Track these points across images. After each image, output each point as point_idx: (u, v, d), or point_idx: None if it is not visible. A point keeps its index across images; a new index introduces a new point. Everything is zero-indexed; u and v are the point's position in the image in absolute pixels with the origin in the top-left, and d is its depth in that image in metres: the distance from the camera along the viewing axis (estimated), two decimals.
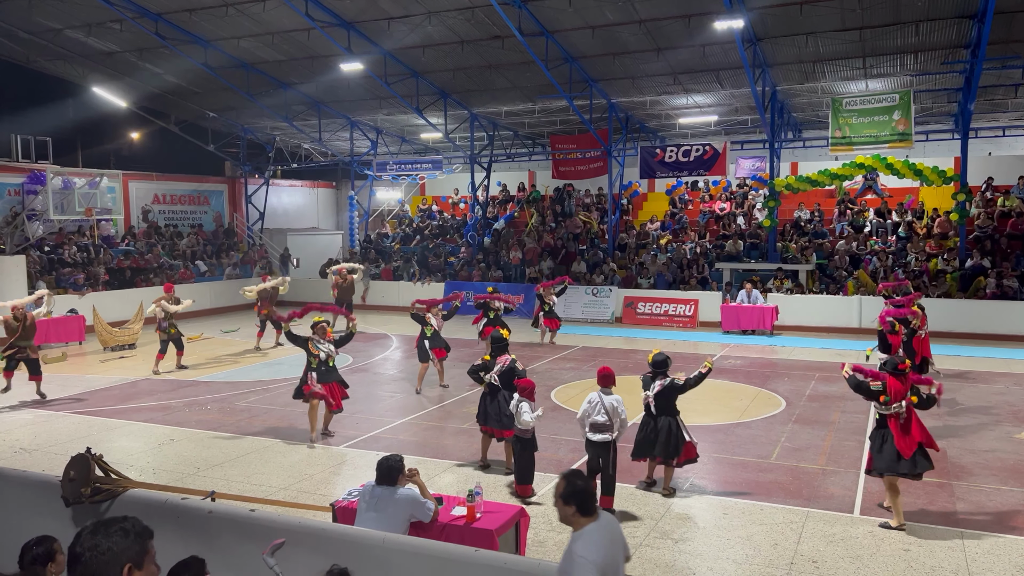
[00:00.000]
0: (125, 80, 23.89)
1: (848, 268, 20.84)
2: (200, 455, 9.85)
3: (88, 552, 2.65)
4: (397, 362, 16.30)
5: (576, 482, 3.87)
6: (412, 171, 28.19)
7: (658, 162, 22.92)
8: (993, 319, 18.24)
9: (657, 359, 8.36)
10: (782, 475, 8.93)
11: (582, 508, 3.82)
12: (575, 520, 3.84)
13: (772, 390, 13.26)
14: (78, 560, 2.66)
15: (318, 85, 23.14)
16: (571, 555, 3.74)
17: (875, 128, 19.43)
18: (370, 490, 5.74)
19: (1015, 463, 9.28)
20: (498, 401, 8.94)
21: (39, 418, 11.77)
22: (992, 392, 13.07)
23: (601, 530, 3.83)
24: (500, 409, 8.87)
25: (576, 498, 3.83)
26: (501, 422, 8.84)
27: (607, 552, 3.77)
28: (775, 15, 16.81)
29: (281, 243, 29.44)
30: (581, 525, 3.82)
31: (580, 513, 3.82)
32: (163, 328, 14.96)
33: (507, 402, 8.71)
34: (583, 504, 3.82)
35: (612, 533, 3.91)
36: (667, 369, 8.34)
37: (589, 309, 21.91)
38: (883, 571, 6.52)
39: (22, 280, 18.82)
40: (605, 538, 3.81)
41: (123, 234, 24.69)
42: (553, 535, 7.27)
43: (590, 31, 18.17)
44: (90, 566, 2.64)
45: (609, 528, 3.91)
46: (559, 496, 3.88)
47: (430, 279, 24.57)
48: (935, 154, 22.82)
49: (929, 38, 17.42)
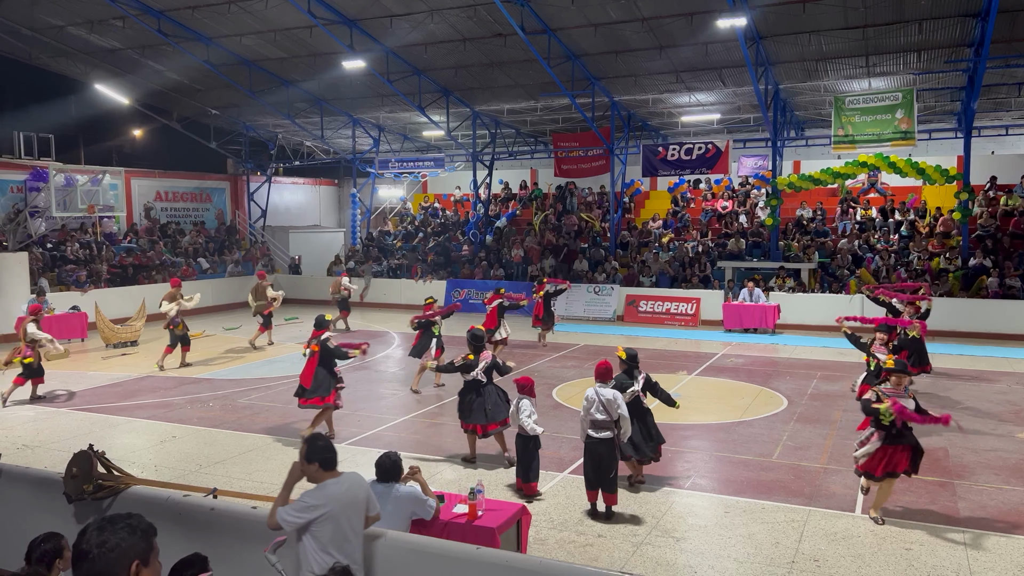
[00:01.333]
0: (127, 77, 23.91)
1: (850, 267, 20.81)
2: (202, 452, 9.87)
3: (96, 549, 2.64)
4: (398, 360, 16.31)
5: (317, 443, 4.44)
6: (414, 169, 28.17)
7: (660, 160, 22.89)
8: (995, 318, 18.21)
9: (631, 353, 8.45)
10: (784, 474, 8.93)
11: (324, 464, 4.39)
12: (318, 475, 4.40)
13: (774, 389, 13.26)
14: (85, 557, 2.65)
15: (320, 82, 23.14)
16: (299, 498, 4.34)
17: (878, 127, 19.40)
18: (371, 488, 5.73)
19: (1017, 462, 9.27)
20: (482, 397, 9.09)
21: (41, 415, 11.78)
22: (994, 391, 13.06)
23: (338, 484, 4.40)
24: (483, 404, 9.03)
25: (317, 455, 4.39)
26: (485, 416, 9.00)
27: (336, 502, 4.32)
28: (778, 13, 16.79)
29: (283, 241, 29.47)
30: (323, 479, 4.40)
31: (322, 468, 4.39)
32: (175, 324, 15.15)
33: (491, 396, 9.01)
34: (324, 461, 4.39)
35: (350, 489, 4.44)
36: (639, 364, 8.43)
37: (591, 307, 21.90)
38: (885, 570, 6.52)
39: (24, 277, 18.84)
40: (337, 491, 4.36)
41: (125, 231, 24.71)
42: (555, 533, 7.27)
43: (592, 29, 18.15)
44: (98, 563, 2.64)
45: (348, 484, 4.44)
46: (303, 457, 4.40)
47: (431, 277, 24.57)
48: (938, 153, 22.79)
49: (932, 36, 17.38)
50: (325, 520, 4.31)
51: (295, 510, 4.34)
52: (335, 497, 4.36)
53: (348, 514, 4.40)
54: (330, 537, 4.34)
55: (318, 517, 4.30)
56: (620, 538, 7.18)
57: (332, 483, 4.41)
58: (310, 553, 4.32)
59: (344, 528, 4.37)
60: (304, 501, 4.34)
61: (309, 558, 4.32)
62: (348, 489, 4.46)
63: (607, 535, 7.25)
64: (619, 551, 6.90)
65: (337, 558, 4.25)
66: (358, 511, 4.50)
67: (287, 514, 4.35)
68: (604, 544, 7.05)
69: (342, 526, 4.36)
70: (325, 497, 4.34)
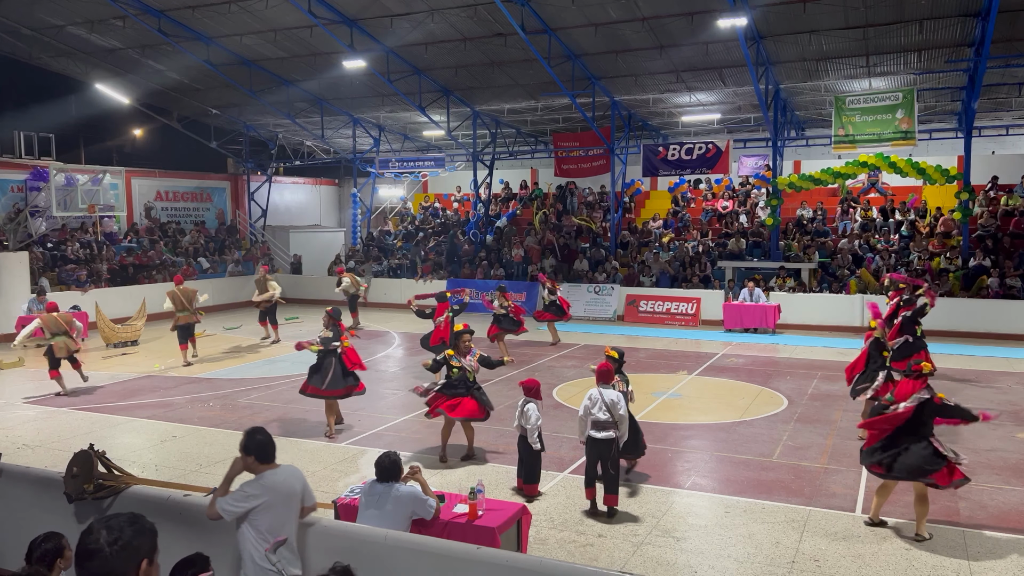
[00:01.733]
0: (128, 77, 23.91)
1: (851, 267, 20.81)
2: (202, 452, 9.87)
3: (108, 547, 2.65)
4: (399, 359, 16.31)
5: (255, 436, 4.65)
6: (414, 168, 28.18)
7: (661, 160, 22.89)
8: (996, 318, 18.21)
9: (621, 352, 8.56)
10: (784, 474, 8.93)
11: (259, 457, 4.62)
12: (255, 467, 4.62)
13: (774, 389, 13.26)
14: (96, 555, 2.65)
15: (321, 82, 23.14)
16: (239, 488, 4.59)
17: (878, 126, 19.40)
18: (371, 487, 5.74)
19: (1017, 462, 9.28)
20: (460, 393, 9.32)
21: (42, 414, 11.79)
22: (994, 391, 13.06)
23: (275, 475, 4.63)
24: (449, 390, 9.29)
25: (253, 449, 4.61)
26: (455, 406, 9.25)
27: (272, 492, 4.55)
28: (778, 13, 16.78)
29: (284, 240, 29.47)
30: (260, 471, 4.62)
31: (258, 461, 4.62)
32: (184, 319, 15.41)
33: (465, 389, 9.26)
34: (260, 454, 4.61)
35: (287, 480, 4.68)
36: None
37: (591, 307, 21.90)
38: (885, 570, 6.52)
39: (25, 276, 18.85)
40: (274, 481, 4.59)
41: (126, 231, 24.72)
42: (555, 533, 7.27)
43: (593, 28, 18.15)
44: (111, 561, 2.65)
45: (284, 476, 4.68)
46: (241, 449, 4.63)
47: (432, 276, 24.58)
48: (938, 153, 22.78)
49: (933, 36, 17.38)
50: (263, 509, 4.53)
51: (233, 500, 4.56)
52: (272, 487, 4.58)
53: (285, 504, 4.63)
54: (268, 526, 4.53)
55: (256, 506, 4.52)
56: (620, 538, 7.18)
57: (269, 474, 4.63)
58: (249, 541, 4.54)
59: (281, 517, 4.60)
60: (243, 491, 4.57)
61: (249, 546, 4.54)
62: (285, 480, 4.67)
63: (607, 535, 7.25)
64: (619, 551, 6.90)
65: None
66: (295, 501, 4.71)
67: (226, 503, 4.56)
68: (604, 544, 7.05)
69: (280, 515, 4.59)
70: (261, 487, 4.57)
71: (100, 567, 2.64)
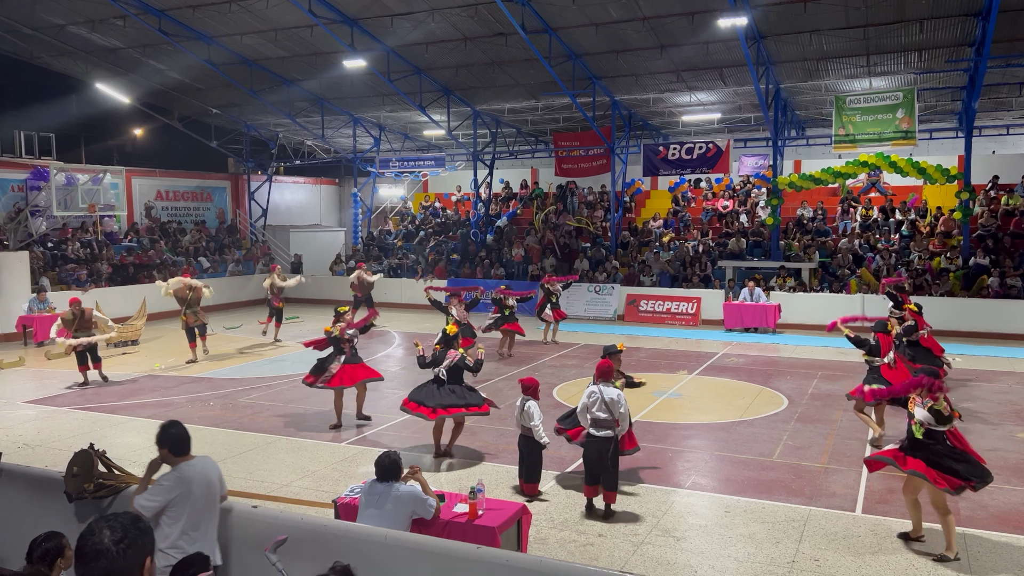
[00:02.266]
0: (128, 76, 23.91)
1: (851, 266, 20.81)
2: (202, 451, 9.66)
3: (115, 547, 2.66)
4: (399, 359, 16.31)
5: (169, 429, 4.78)
6: (415, 168, 28.19)
7: (661, 160, 22.89)
8: (996, 318, 18.21)
9: (606, 348, 8.59)
10: (784, 473, 8.93)
11: (173, 449, 4.74)
12: (170, 459, 4.76)
13: (774, 388, 13.26)
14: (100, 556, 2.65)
15: (321, 82, 23.13)
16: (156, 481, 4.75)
17: (879, 126, 19.39)
18: (371, 487, 5.74)
19: (1017, 462, 9.27)
20: (445, 390, 9.40)
21: (42, 414, 11.79)
22: (995, 391, 13.06)
23: (190, 467, 4.74)
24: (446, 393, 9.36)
25: (167, 442, 4.74)
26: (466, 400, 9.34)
27: (188, 484, 4.66)
28: (779, 12, 16.78)
29: (284, 240, 29.46)
30: (176, 463, 4.74)
31: (172, 453, 4.75)
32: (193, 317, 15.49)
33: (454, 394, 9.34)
34: (173, 446, 4.74)
35: (203, 471, 4.78)
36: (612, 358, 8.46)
37: (591, 307, 21.91)
38: (885, 570, 6.52)
39: (25, 276, 18.85)
40: (190, 473, 4.69)
41: (126, 230, 24.72)
42: (555, 532, 7.28)
43: (593, 28, 18.15)
44: (119, 560, 2.66)
45: (200, 467, 4.79)
46: (156, 442, 4.77)
47: (432, 276, 24.59)
48: (939, 152, 22.77)
49: (933, 36, 17.37)
50: (179, 501, 4.61)
51: (150, 494, 4.64)
52: (187, 479, 4.67)
53: (202, 495, 4.71)
54: (186, 518, 4.62)
55: (173, 499, 4.61)
56: (620, 537, 7.18)
57: (185, 466, 4.73)
58: (168, 534, 4.61)
59: (200, 509, 4.67)
60: (160, 484, 4.67)
61: (166, 539, 4.59)
62: (201, 471, 4.77)
63: (607, 534, 7.25)
64: (619, 550, 6.90)
65: (193, 537, 4.57)
66: (211, 492, 4.80)
67: (143, 499, 4.63)
68: (604, 543, 7.05)
69: (197, 507, 4.66)
70: (176, 479, 4.66)
71: (107, 567, 2.65)
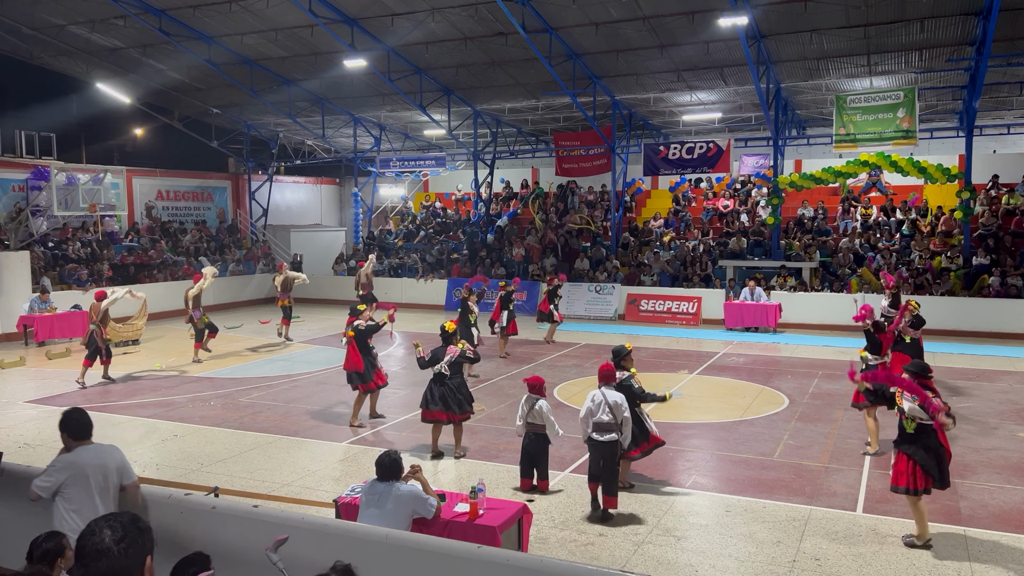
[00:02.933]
0: (129, 76, 23.91)
1: (852, 266, 20.80)
2: (203, 451, 9.87)
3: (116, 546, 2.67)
4: (399, 359, 16.32)
5: (70, 414, 4.94)
6: (415, 168, 28.17)
7: (662, 159, 22.89)
8: (997, 317, 18.20)
9: (615, 349, 8.47)
10: (785, 473, 8.92)
11: (71, 434, 4.89)
12: (68, 443, 4.89)
13: (775, 388, 13.26)
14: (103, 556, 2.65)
15: (322, 82, 23.14)
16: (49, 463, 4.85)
17: (879, 125, 19.37)
18: (371, 486, 5.74)
19: (1018, 461, 9.27)
20: (447, 387, 9.36)
21: (43, 413, 11.79)
22: (996, 390, 13.05)
23: (86, 451, 4.84)
24: (450, 394, 9.31)
25: (67, 426, 4.90)
26: (448, 407, 9.28)
27: (81, 467, 4.74)
28: (779, 12, 16.77)
29: (285, 240, 29.45)
30: (73, 447, 4.87)
31: (71, 438, 4.88)
32: (198, 317, 15.52)
33: (458, 390, 9.34)
34: (71, 431, 4.89)
35: (98, 456, 4.86)
36: (623, 359, 8.30)
37: (592, 306, 21.90)
38: (886, 569, 6.52)
39: (26, 276, 18.86)
40: (84, 458, 4.79)
41: (127, 230, 24.73)
42: (556, 532, 7.28)
43: (593, 28, 18.14)
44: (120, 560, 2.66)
45: (96, 453, 4.87)
46: (59, 427, 4.95)
47: (432, 276, 24.59)
48: (939, 152, 22.76)
49: (934, 35, 17.36)
50: (71, 484, 4.70)
51: (43, 477, 4.74)
52: (80, 463, 4.75)
53: (95, 480, 4.76)
54: (79, 501, 4.69)
55: (65, 480, 4.70)
56: (621, 537, 7.18)
57: (80, 450, 4.84)
58: (62, 515, 4.68)
59: (92, 493, 4.73)
60: (52, 466, 4.78)
61: (61, 521, 4.66)
62: (96, 456, 4.84)
63: (608, 534, 7.25)
64: (620, 550, 6.90)
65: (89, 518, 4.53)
66: (107, 478, 4.83)
67: (38, 480, 4.73)
68: (605, 543, 7.05)
69: (90, 491, 4.72)
70: (66, 462, 4.77)
71: (109, 567, 2.66)
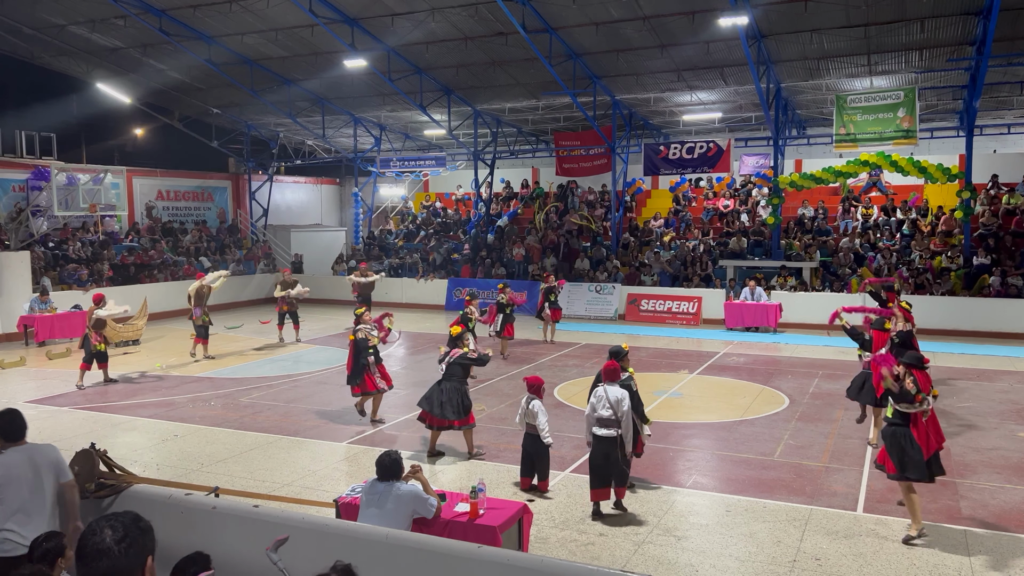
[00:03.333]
0: (129, 76, 23.92)
1: (852, 266, 20.80)
2: (204, 451, 9.87)
3: (117, 546, 2.66)
4: (399, 359, 16.32)
5: (2, 416, 5.03)
6: (416, 168, 28.18)
7: (662, 159, 22.89)
8: (997, 317, 18.20)
9: (613, 350, 8.44)
10: (785, 472, 8.92)
11: (3, 435, 4.98)
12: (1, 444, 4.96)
13: (775, 388, 13.26)
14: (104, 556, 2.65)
15: (322, 81, 23.14)
16: None
17: (880, 125, 19.37)
18: (372, 486, 5.74)
19: (1018, 461, 9.27)
20: (440, 389, 9.38)
21: (43, 413, 11.79)
22: (996, 390, 13.05)
23: (17, 452, 4.89)
24: (442, 397, 9.29)
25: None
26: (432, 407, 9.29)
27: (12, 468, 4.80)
28: (780, 11, 16.77)
29: (285, 240, 29.47)
30: (5, 448, 4.94)
31: (3, 439, 4.97)
32: (199, 315, 15.58)
33: (456, 393, 9.31)
34: (4, 433, 4.96)
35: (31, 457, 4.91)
36: (621, 360, 8.30)
37: (592, 306, 21.90)
38: (886, 569, 6.52)
39: (26, 276, 18.86)
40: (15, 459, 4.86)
41: (127, 230, 24.73)
42: (556, 532, 7.28)
43: (594, 27, 18.14)
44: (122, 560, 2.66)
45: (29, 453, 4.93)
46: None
47: (433, 276, 24.59)
48: (940, 151, 22.76)
49: (934, 35, 17.36)
50: (5, 485, 4.74)
51: None
52: (11, 464, 4.81)
53: (27, 481, 4.79)
54: (11, 502, 4.72)
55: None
56: (621, 537, 7.18)
57: (11, 451, 4.90)
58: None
59: (24, 493, 4.76)
60: None
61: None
62: (27, 458, 4.87)
63: (608, 534, 7.25)
64: (620, 550, 6.90)
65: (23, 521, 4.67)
66: (41, 478, 4.84)
67: None
68: (605, 543, 7.05)
69: (22, 491, 4.76)
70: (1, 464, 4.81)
71: (110, 567, 2.65)
